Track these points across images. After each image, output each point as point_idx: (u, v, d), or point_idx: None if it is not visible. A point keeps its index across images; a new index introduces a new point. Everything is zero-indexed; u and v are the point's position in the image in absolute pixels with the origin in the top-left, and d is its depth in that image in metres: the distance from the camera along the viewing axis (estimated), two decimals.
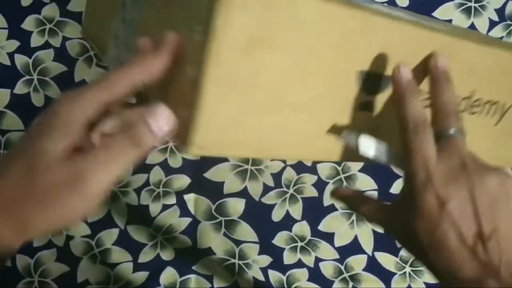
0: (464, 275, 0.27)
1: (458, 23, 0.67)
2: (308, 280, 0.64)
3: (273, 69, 0.28)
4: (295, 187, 0.65)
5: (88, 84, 0.28)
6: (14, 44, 0.64)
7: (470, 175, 0.28)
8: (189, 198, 0.66)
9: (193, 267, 0.65)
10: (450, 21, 0.67)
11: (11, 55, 0.65)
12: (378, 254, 0.64)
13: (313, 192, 0.65)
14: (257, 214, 0.65)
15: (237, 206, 0.65)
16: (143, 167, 0.65)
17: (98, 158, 0.26)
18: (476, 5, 0.67)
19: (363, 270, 0.64)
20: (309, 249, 0.64)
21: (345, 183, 0.65)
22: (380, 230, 0.64)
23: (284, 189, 0.65)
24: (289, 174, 0.65)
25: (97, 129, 0.28)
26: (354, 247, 0.64)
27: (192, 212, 0.66)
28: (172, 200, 0.66)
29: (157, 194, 0.66)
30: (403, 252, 0.64)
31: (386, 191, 0.65)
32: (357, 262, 0.64)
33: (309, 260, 0.64)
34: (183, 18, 0.28)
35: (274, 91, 0.28)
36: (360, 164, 0.65)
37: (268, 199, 0.65)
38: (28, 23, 0.64)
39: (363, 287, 0.64)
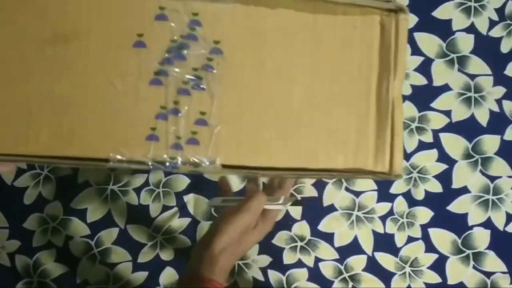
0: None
1: (458, 22, 0.67)
2: (308, 280, 0.64)
3: None
4: (294, 187, 0.65)
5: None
6: None
7: None
8: (189, 198, 0.66)
9: None
10: (450, 20, 0.67)
11: None
12: (378, 254, 0.64)
13: (313, 192, 0.65)
14: None
15: None
16: None
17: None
18: (476, 4, 0.67)
19: (363, 270, 0.64)
20: (309, 249, 0.64)
21: (344, 183, 0.65)
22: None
23: None
24: None
25: None
26: (353, 247, 0.64)
27: (192, 212, 0.66)
28: (171, 200, 0.66)
29: (157, 194, 0.66)
30: (403, 252, 0.64)
31: (386, 191, 0.65)
32: (357, 262, 0.64)
33: (309, 260, 0.64)
34: None
35: None
36: None
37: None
38: None
39: (363, 287, 0.64)
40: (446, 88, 0.66)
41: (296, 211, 0.65)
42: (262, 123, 0.36)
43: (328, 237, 0.64)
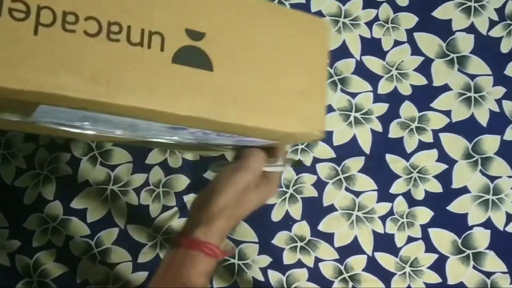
0: None
1: (458, 22, 0.67)
2: (308, 280, 0.64)
3: None
4: (294, 187, 0.65)
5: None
6: None
7: None
8: (189, 198, 0.66)
9: None
10: (450, 20, 0.67)
11: None
12: (378, 254, 0.64)
13: (313, 192, 0.65)
14: (256, 214, 0.65)
15: None
16: (142, 167, 0.65)
17: None
18: (476, 4, 0.67)
19: (363, 270, 0.64)
20: (309, 249, 0.64)
21: (344, 183, 0.65)
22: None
23: (284, 189, 0.65)
24: (289, 174, 0.65)
25: None
26: (353, 247, 0.64)
27: None
28: (171, 200, 0.66)
29: (157, 194, 0.66)
30: (403, 252, 0.64)
31: (386, 191, 0.65)
32: (357, 262, 0.64)
33: (308, 260, 0.64)
34: None
35: None
36: (360, 165, 0.65)
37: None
38: None
39: (363, 287, 0.64)
40: (446, 88, 0.66)
41: (296, 211, 0.65)
42: None
43: (328, 237, 0.64)
